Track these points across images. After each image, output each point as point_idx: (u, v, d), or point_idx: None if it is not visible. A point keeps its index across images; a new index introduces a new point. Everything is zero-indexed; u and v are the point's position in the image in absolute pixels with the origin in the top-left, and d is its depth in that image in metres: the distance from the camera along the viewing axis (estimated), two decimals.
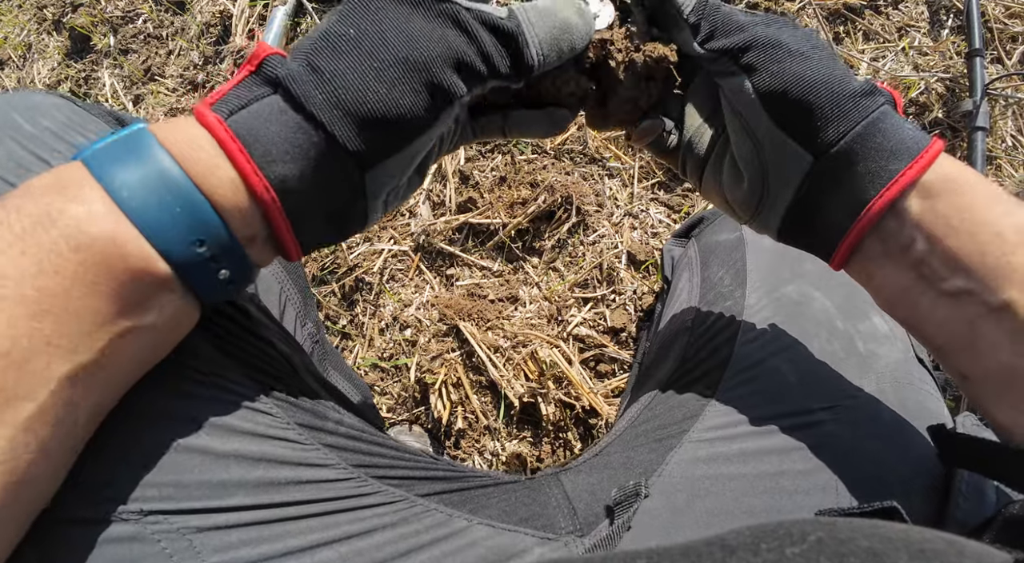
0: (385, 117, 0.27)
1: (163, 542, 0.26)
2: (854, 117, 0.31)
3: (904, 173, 0.30)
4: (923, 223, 0.30)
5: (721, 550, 0.21)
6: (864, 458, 0.36)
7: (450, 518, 0.34)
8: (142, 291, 0.24)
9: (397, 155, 0.29)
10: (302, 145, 0.27)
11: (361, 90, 0.26)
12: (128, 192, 0.24)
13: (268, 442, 0.30)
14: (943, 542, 0.21)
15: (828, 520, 0.22)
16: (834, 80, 0.31)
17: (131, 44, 1.07)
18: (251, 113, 0.26)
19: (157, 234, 0.24)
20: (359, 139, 0.27)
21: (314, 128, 0.26)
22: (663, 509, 0.36)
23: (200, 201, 0.25)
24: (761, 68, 0.32)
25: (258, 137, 0.26)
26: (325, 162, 0.27)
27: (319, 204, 0.29)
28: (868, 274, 0.33)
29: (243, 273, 0.28)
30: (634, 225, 0.82)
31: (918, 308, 0.32)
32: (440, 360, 0.75)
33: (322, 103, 0.26)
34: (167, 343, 0.28)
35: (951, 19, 0.89)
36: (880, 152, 0.31)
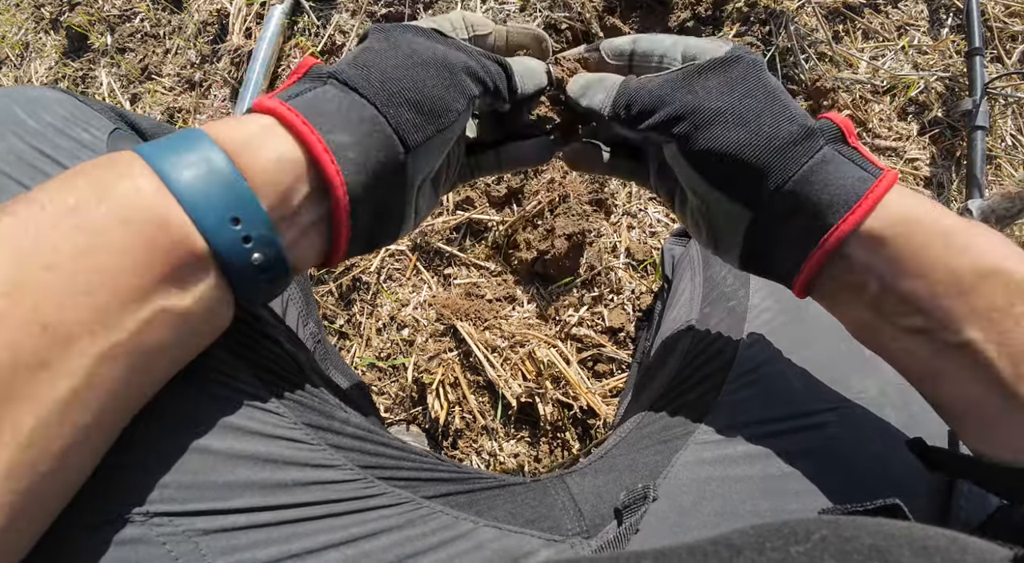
0: (424, 102, 0.31)
1: (168, 544, 0.25)
2: (784, 171, 0.31)
3: (838, 227, 0.30)
4: (873, 267, 0.30)
5: (727, 549, 0.21)
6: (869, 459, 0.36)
7: (456, 520, 0.34)
8: (180, 268, 0.24)
9: (430, 141, 0.31)
10: (356, 120, 0.29)
11: (403, 81, 0.30)
12: (173, 169, 0.25)
13: (275, 442, 0.30)
14: (945, 539, 0.21)
15: (832, 518, 0.22)
16: (760, 136, 0.31)
17: (128, 43, 1.06)
18: (308, 97, 0.29)
19: (196, 208, 0.24)
20: (405, 119, 0.30)
21: (366, 106, 0.29)
22: (670, 511, 0.36)
23: (237, 178, 0.26)
24: (687, 136, 0.32)
25: (317, 110, 0.28)
26: (377, 138, 0.29)
27: (371, 187, 0.30)
28: (831, 307, 0.34)
29: (278, 264, 0.27)
30: (632, 224, 0.81)
31: (879, 340, 0.32)
32: (437, 360, 0.75)
33: (370, 87, 0.30)
34: (199, 338, 0.27)
35: (951, 18, 0.89)
36: (816, 204, 0.30)
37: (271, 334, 0.34)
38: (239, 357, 0.31)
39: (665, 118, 0.33)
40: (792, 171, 0.31)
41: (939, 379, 0.30)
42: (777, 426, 0.38)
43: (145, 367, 0.25)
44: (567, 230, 0.75)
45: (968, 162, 0.80)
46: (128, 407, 0.25)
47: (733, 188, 0.32)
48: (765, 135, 0.31)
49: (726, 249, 0.36)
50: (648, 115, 0.34)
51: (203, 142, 0.26)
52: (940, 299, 0.28)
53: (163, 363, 0.26)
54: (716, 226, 0.35)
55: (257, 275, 0.27)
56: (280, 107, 0.28)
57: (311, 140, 0.27)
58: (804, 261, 0.31)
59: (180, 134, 0.27)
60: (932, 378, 0.30)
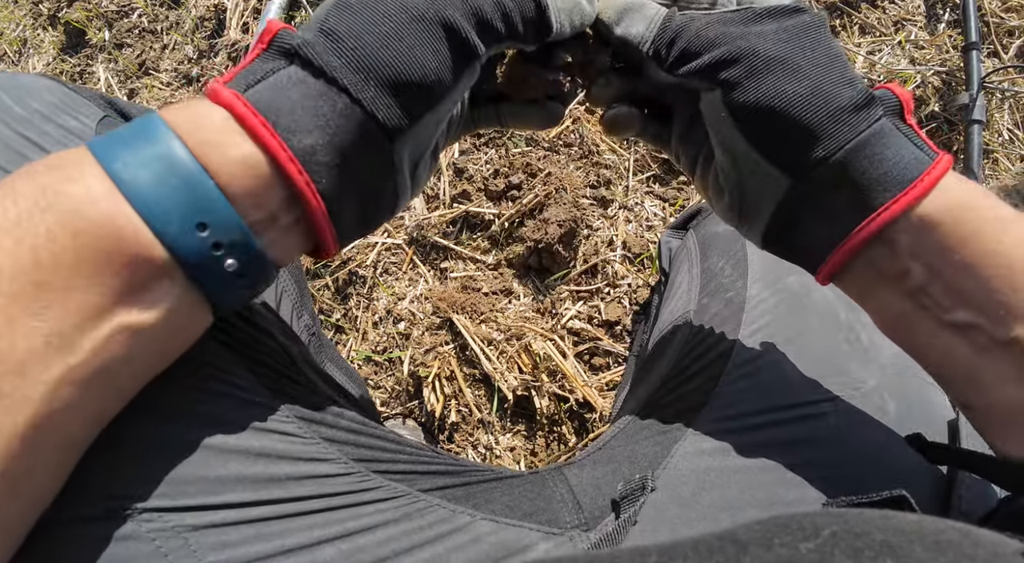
0: (409, 79, 0.26)
1: (158, 540, 0.25)
2: (838, 138, 0.28)
3: (889, 206, 0.27)
4: (920, 254, 0.28)
5: (733, 546, 0.21)
6: (868, 450, 0.36)
7: (453, 514, 0.34)
8: (140, 282, 0.22)
9: (423, 120, 0.27)
10: (325, 114, 0.25)
11: (382, 51, 0.25)
12: (126, 170, 0.22)
13: (267, 436, 0.29)
14: (957, 532, 0.20)
15: (839, 512, 0.22)
16: (818, 93, 0.28)
17: (126, 38, 1.06)
18: (269, 85, 0.25)
19: (154, 215, 0.22)
20: (385, 103, 0.26)
21: (337, 94, 0.25)
22: (669, 502, 0.35)
23: (202, 179, 0.23)
24: (734, 84, 0.29)
25: (279, 108, 0.24)
26: (352, 130, 0.26)
27: (351, 183, 0.27)
28: (861, 296, 0.32)
29: (256, 267, 0.25)
30: (629, 218, 0.81)
31: (917, 335, 0.30)
32: (434, 353, 0.75)
33: (343, 67, 0.25)
34: (173, 347, 0.26)
35: (947, 13, 0.89)
36: (866, 180, 0.28)
37: (263, 326, 0.34)
38: (230, 350, 0.31)
39: (714, 61, 0.29)
40: (847, 140, 0.28)
41: (978, 380, 0.28)
42: (775, 416, 0.37)
43: (110, 385, 0.23)
44: (559, 217, 0.75)
45: (965, 156, 0.80)
46: (98, 421, 0.24)
47: (777, 150, 0.29)
48: (823, 94, 0.28)
49: (751, 223, 0.33)
50: (694, 56, 0.30)
51: (162, 134, 0.23)
52: (992, 293, 0.26)
53: (132, 376, 0.24)
54: (745, 194, 0.32)
55: (234, 281, 0.25)
56: (236, 103, 0.24)
57: (273, 147, 0.24)
58: (839, 242, 0.29)
59: (136, 123, 0.24)
60: (970, 379, 0.29)
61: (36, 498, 0.22)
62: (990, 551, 0.19)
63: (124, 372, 0.23)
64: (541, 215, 0.78)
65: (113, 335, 0.22)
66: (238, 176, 0.24)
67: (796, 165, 0.29)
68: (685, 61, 0.30)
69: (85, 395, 0.22)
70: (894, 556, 0.19)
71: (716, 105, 0.30)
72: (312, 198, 0.25)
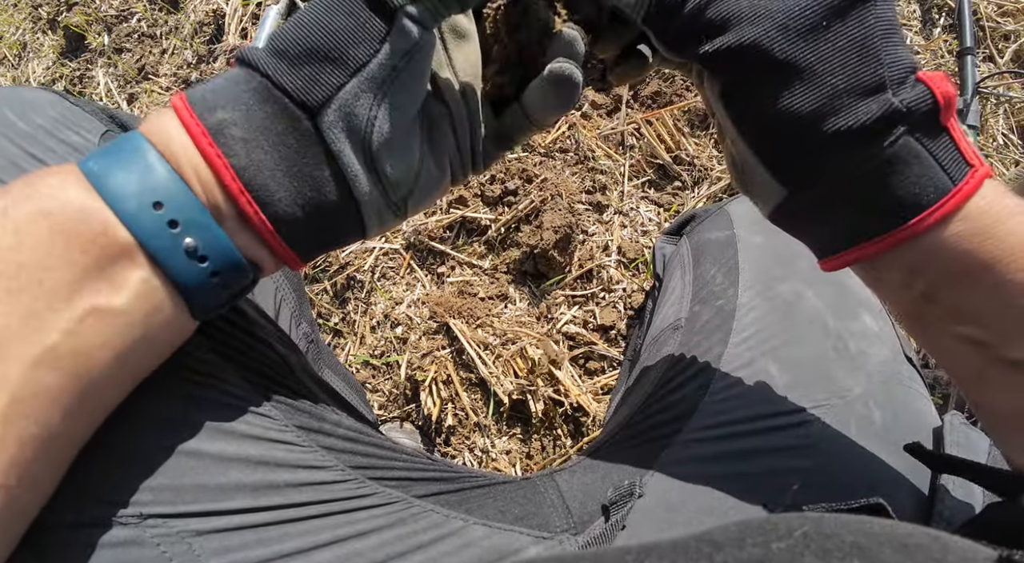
0: (314, 45, 0.25)
1: (162, 546, 0.26)
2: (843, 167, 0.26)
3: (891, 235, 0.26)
4: (923, 272, 0.27)
5: (708, 545, 0.21)
6: (853, 457, 0.36)
7: (446, 519, 0.34)
8: (105, 261, 0.23)
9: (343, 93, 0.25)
10: (240, 91, 0.25)
11: (298, 25, 0.25)
12: (97, 165, 0.24)
13: (266, 445, 0.30)
14: (928, 537, 0.20)
15: (815, 515, 0.22)
16: (829, 110, 0.25)
17: (125, 43, 1.07)
18: (208, 82, 0.26)
19: (114, 196, 0.23)
20: (295, 75, 0.25)
21: (251, 73, 0.26)
22: (656, 507, 0.36)
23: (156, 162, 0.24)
24: (736, 85, 0.27)
25: (202, 93, 0.26)
26: (266, 106, 0.25)
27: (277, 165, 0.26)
28: (870, 285, 0.31)
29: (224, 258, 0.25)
30: (624, 223, 0.82)
31: (925, 335, 0.30)
32: (431, 357, 0.76)
33: (262, 52, 0.26)
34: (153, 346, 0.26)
35: (943, 18, 0.89)
36: (871, 205, 0.26)
37: (262, 336, 0.35)
38: (229, 360, 0.31)
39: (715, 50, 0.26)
40: (854, 168, 0.26)
41: (987, 387, 0.28)
42: (762, 424, 0.38)
43: (88, 373, 0.23)
44: (555, 223, 0.75)
45: None
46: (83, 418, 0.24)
47: (774, 161, 0.28)
48: (835, 111, 0.25)
49: (757, 202, 0.32)
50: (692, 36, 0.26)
51: (133, 136, 0.25)
52: (1004, 318, 0.26)
53: (110, 369, 0.24)
54: (751, 181, 0.30)
55: (196, 265, 0.25)
56: (176, 97, 0.26)
57: (187, 121, 0.25)
58: (838, 252, 0.29)
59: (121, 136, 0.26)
60: (979, 384, 0.29)
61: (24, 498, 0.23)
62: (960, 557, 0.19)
63: (100, 361, 0.24)
64: (537, 220, 0.78)
65: (85, 316, 0.23)
66: (183, 159, 0.25)
67: (795, 180, 0.28)
68: (683, 42, 0.27)
69: (63, 382, 0.22)
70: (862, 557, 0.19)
71: (715, 97, 0.28)
72: (225, 171, 0.25)
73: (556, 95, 0.30)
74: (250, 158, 0.25)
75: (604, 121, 0.87)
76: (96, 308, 0.23)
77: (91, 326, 0.23)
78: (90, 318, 0.23)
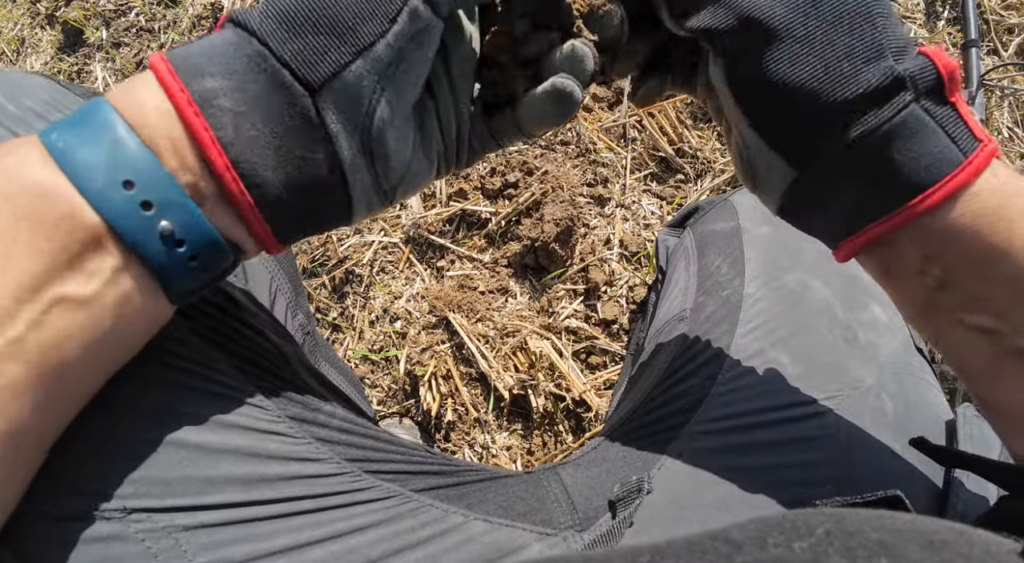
0: (324, 17, 0.23)
1: (147, 541, 0.25)
2: (848, 133, 0.25)
3: (898, 212, 0.25)
4: (938, 259, 0.26)
5: (726, 545, 0.20)
6: (865, 450, 0.35)
7: (446, 514, 0.33)
8: (73, 247, 0.22)
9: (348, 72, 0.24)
10: (230, 58, 0.23)
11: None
12: (60, 139, 0.22)
13: (258, 436, 0.29)
14: (952, 532, 0.20)
15: (834, 512, 0.22)
16: (831, 76, 0.25)
17: (123, 37, 1.06)
18: (193, 44, 0.24)
19: (79, 174, 0.21)
20: (291, 44, 0.23)
21: (248, 39, 0.24)
22: (664, 503, 0.35)
23: (124, 135, 0.22)
24: (738, 59, 0.26)
25: (188, 56, 0.23)
26: (261, 77, 0.24)
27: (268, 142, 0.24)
28: (879, 278, 0.30)
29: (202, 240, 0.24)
30: (626, 216, 0.81)
31: (934, 328, 0.29)
32: (430, 352, 0.75)
33: (259, 16, 0.24)
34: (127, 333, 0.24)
35: (947, 10, 0.88)
36: (881, 178, 0.26)
37: (255, 325, 0.34)
38: (220, 348, 0.30)
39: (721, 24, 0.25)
40: (858, 134, 0.25)
41: (996, 380, 0.28)
42: (772, 416, 0.37)
43: (57, 365, 0.22)
44: (556, 216, 0.74)
45: None
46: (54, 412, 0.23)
47: (779, 138, 0.27)
48: (837, 77, 0.24)
49: (764, 195, 0.31)
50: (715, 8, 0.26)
51: (99, 106, 0.23)
52: (1016, 303, 0.25)
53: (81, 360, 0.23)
54: (757, 171, 0.30)
55: (173, 249, 0.23)
56: (155, 57, 0.23)
57: (170, 87, 0.22)
58: (849, 234, 0.28)
59: (84, 104, 0.24)
60: (988, 378, 0.28)
61: None
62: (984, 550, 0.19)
63: (70, 353, 0.22)
64: (538, 213, 0.77)
65: (51, 306, 0.21)
66: (159, 130, 0.23)
67: (800, 156, 0.27)
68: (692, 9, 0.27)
69: (30, 374, 0.21)
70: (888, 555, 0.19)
71: (719, 77, 0.28)
72: (211, 145, 0.23)
73: (553, 110, 0.29)
74: (239, 133, 0.23)
75: (606, 113, 0.86)
76: (64, 297, 0.22)
77: (59, 316, 0.22)
78: (57, 308, 0.22)
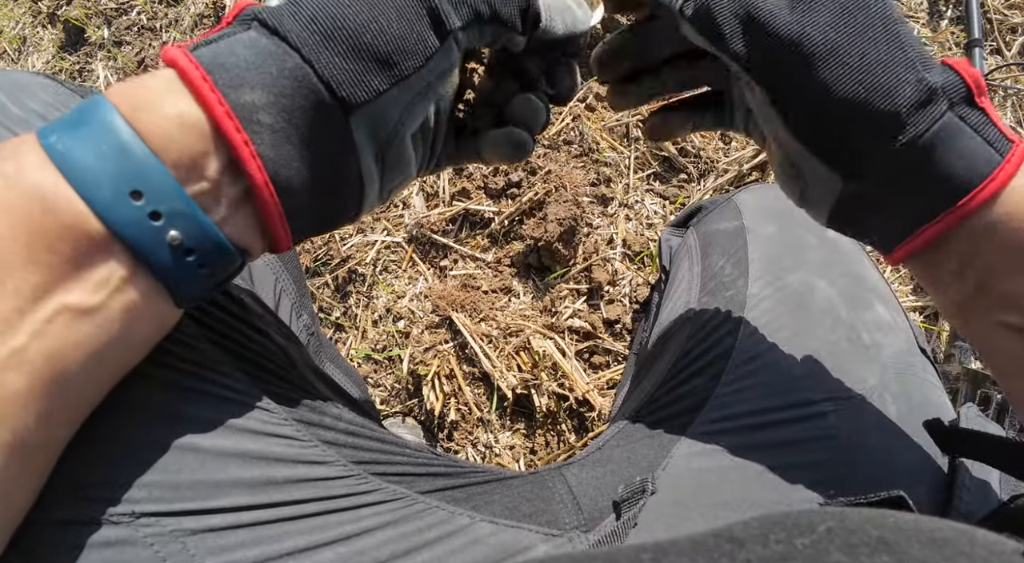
0: (366, 42, 0.24)
1: (156, 545, 0.25)
2: (894, 143, 0.26)
3: (945, 216, 0.27)
4: (977, 260, 0.27)
5: (729, 542, 0.21)
6: (869, 450, 0.35)
7: (452, 515, 0.33)
8: (77, 258, 0.21)
9: (384, 97, 0.25)
10: (272, 73, 0.23)
11: (345, 13, 0.24)
12: (59, 142, 0.21)
13: (265, 439, 0.29)
14: (954, 531, 0.20)
15: (837, 510, 0.22)
16: (875, 92, 0.26)
17: (125, 36, 1.06)
18: (220, 44, 0.23)
19: (84, 183, 0.21)
20: (341, 68, 0.24)
21: (287, 52, 0.24)
22: (668, 503, 0.35)
23: (132, 142, 0.21)
24: (781, 81, 0.28)
25: (223, 64, 0.23)
26: (301, 94, 0.24)
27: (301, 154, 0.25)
28: (925, 282, 0.32)
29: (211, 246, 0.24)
30: (629, 216, 0.81)
31: (972, 328, 0.30)
32: (433, 352, 0.75)
33: (298, 27, 0.24)
34: (134, 340, 0.24)
35: (950, 10, 0.88)
36: (926, 184, 0.27)
37: (261, 327, 0.34)
38: (227, 352, 0.30)
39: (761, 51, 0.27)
40: (904, 143, 0.26)
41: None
42: (776, 416, 0.37)
43: (61, 375, 0.22)
44: (559, 215, 0.74)
45: None
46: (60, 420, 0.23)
47: (829, 151, 0.28)
48: (881, 92, 0.26)
49: (814, 210, 0.33)
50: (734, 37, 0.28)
51: (99, 105, 0.22)
52: None
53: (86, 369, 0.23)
54: (806, 187, 0.31)
55: (185, 260, 0.23)
56: (181, 57, 0.22)
57: (209, 99, 0.22)
58: (900, 240, 0.29)
59: (83, 102, 0.23)
60: (1019, 374, 0.29)
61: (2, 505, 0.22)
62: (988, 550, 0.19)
63: (78, 363, 0.22)
64: (541, 213, 0.77)
65: (55, 316, 0.21)
66: (175, 138, 0.22)
67: (850, 166, 0.28)
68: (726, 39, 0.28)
69: (33, 385, 0.21)
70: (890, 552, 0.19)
71: (763, 102, 0.29)
72: (251, 160, 0.23)
73: (507, 151, 0.34)
74: (277, 150, 0.24)
75: (609, 113, 0.86)
76: (67, 307, 0.21)
77: (63, 326, 0.21)
78: (61, 317, 0.21)
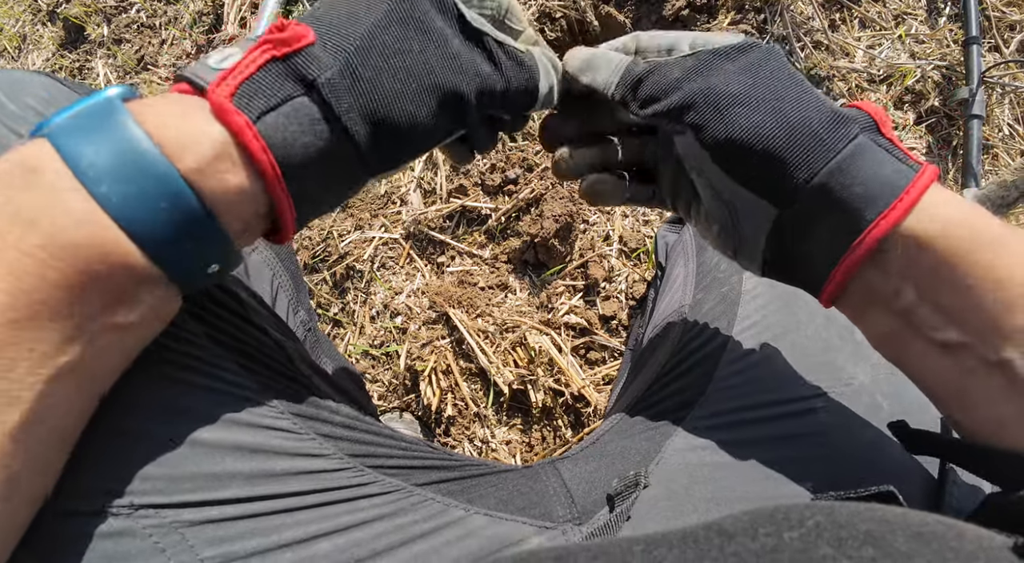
0: (407, 135, 0.29)
1: (155, 536, 0.25)
2: (815, 161, 0.28)
3: (877, 224, 0.27)
4: (910, 274, 0.28)
5: (719, 535, 0.21)
6: (859, 446, 0.36)
7: (447, 508, 0.34)
8: (124, 290, 0.23)
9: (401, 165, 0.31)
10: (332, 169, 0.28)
11: (393, 107, 0.27)
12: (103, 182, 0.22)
13: (263, 432, 0.29)
14: (942, 525, 0.20)
15: (826, 504, 0.22)
16: (787, 121, 0.28)
17: (124, 34, 1.06)
18: (281, 115, 0.25)
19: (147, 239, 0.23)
20: (381, 158, 0.29)
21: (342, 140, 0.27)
22: (661, 497, 0.36)
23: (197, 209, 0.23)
24: (704, 124, 0.30)
25: (293, 151, 0.26)
26: (343, 172, 0.29)
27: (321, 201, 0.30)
28: (855, 316, 0.32)
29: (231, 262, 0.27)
30: (625, 212, 0.81)
31: (907, 353, 0.30)
32: (430, 347, 0.75)
33: (357, 117, 0.27)
34: (150, 334, 0.27)
35: (948, 7, 0.88)
36: (851, 199, 0.28)
37: (258, 322, 0.34)
38: (224, 347, 0.31)
39: (679, 103, 0.30)
40: (823, 162, 0.28)
41: (966, 399, 0.28)
42: (768, 411, 0.38)
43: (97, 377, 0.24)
44: (555, 211, 0.75)
45: (964, 151, 0.80)
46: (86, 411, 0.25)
47: (758, 181, 0.30)
48: (792, 120, 0.28)
49: (747, 254, 0.34)
50: (661, 97, 0.31)
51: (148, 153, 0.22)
52: (982, 313, 0.26)
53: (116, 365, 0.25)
54: (738, 228, 0.33)
55: (210, 277, 0.26)
56: (247, 133, 0.24)
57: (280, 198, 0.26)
58: (835, 265, 0.29)
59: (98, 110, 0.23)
60: (959, 398, 0.29)
61: (29, 497, 0.23)
62: (976, 544, 0.19)
63: (110, 366, 0.25)
64: (537, 210, 0.78)
65: (102, 335, 0.23)
66: (234, 204, 0.25)
67: (779, 192, 0.29)
68: (652, 102, 0.32)
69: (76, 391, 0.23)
70: (876, 545, 0.19)
71: (692, 144, 0.31)
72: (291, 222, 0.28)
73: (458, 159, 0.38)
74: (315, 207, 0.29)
75: None
76: (112, 327, 0.24)
77: (105, 343, 0.24)
78: (104, 337, 0.23)
